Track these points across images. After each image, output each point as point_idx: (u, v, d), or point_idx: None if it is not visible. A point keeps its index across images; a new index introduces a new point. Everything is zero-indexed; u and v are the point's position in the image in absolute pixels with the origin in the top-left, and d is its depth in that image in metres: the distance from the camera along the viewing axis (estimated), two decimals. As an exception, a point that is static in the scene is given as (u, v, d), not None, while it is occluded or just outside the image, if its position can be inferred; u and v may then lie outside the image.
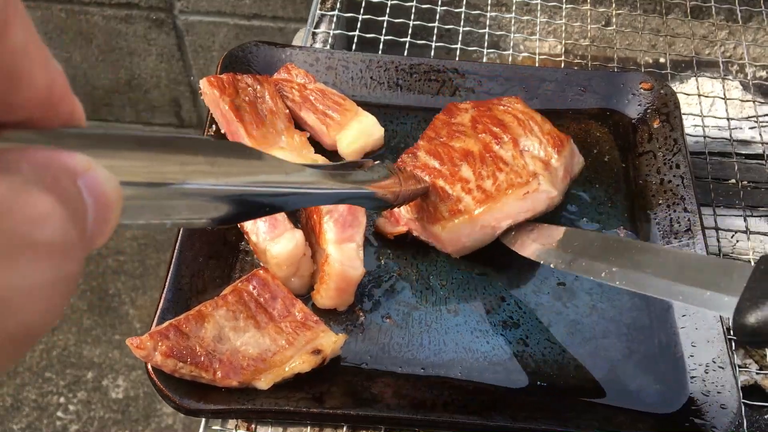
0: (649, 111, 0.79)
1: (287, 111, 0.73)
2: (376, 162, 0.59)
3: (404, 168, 0.64)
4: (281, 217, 0.64)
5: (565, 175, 0.69)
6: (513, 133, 0.68)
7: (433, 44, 0.90)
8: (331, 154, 0.74)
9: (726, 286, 0.48)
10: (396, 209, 0.66)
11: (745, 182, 0.80)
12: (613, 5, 1.00)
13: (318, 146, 0.74)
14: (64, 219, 0.19)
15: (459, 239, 0.65)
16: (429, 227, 0.65)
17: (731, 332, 0.67)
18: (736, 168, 0.80)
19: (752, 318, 0.45)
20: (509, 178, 0.65)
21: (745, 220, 0.76)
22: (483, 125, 0.70)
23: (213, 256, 0.66)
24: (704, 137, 0.83)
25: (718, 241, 0.74)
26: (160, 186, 0.26)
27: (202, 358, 0.55)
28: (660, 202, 0.72)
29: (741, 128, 0.85)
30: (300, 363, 0.57)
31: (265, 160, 0.34)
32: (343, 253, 0.61)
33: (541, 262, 0.62)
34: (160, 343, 0.55)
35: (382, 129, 0.74)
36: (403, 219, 0.68)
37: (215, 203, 0.30)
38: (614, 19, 0.99)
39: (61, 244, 0.19)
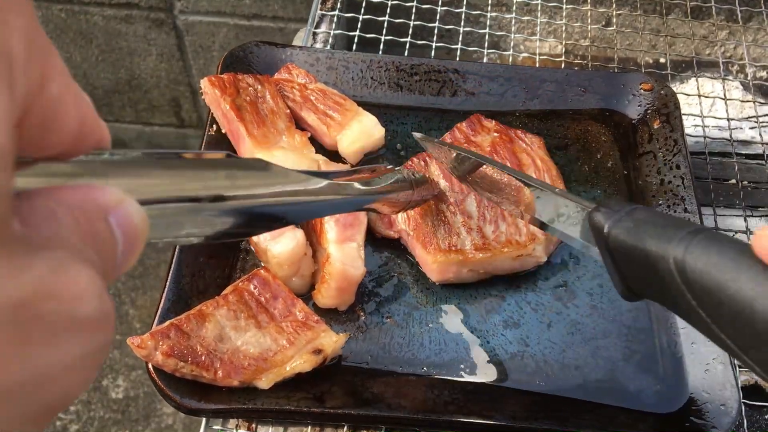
0: (649, 112, 0.79)
1: (288, 111, 0.73)
2: (389, 167, 0.61)
3: (416, 172, 0.65)
4: (282, 216, 0.64)
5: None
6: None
7: (434, 44, 0.90)
8: (332, 153, 0.74)
9: None
10: (393, 215, 0.67)
11: (746, 182, 0.80)
12: (614, 5, 1.00)
13: (319, 146, 0.74)
14: (101, 291, 0.20)
15: (446, 273, 0.66)
16: (421, 252, 0.66)
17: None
18: (737, 168, 0.80)
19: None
20: (509, 232, 0.66)
21: (745, 220, 0.76)
22: (501, 159, 0.70)
23: (214, 256, 0.66)
24: (704, 137, 0.83)
25: (719, 241, 0.74)
26: (183, 203, 0.27)
27: (203, 358, 0.55)
28: (660, 202, 0.72)
29: (741, 128, 0.85)
30: (301, 363, 0.57)
31: (285, 173, 0.36)
32: (344, 252, 0.61)
33: None
34: (161, 343, 0.55)
35: (383, 129, 0.74)
36: (397, 225, 0.67)
37: (235, 217, 0.31)
38: (614, 20, 0.99)
39: (97, 317, 0.20)
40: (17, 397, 0.18)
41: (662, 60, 0.95)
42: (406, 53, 0.88)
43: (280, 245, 0.61)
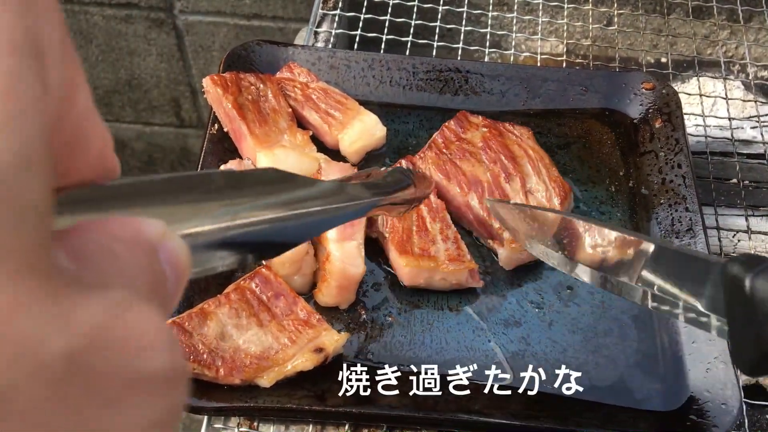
0: (650, 111, 0.79)
1: (290, 110, 0.73)
2: (388, 168, 0.60)
3: (414, 169, 0.64)
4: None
5: None
6: (522, 171, 0.69)
7: (435, 44, 0.90)
8: (333, 152, 0.74)
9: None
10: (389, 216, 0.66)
11: (747, 182, 0.80)
12: (615, 5, 1.00)
13: (320, 145, 0.74)
14: (172, 339, 0.17)
15: (416, 278, 0.64)
16: (394, 255, 0.64)
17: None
18: (738, 168, 0.80)
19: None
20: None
21: (746, 219, 0.76)
22: (495, 153, 0.70)
23: (215, 255, 0.66)
24: (706, 137, 0.83)
25: (720, 240, 0.74)
26: (214, 233, 0.25)
27: (205, 356, 0.55)
28: (662, 201, 0.73)
29: (743, 128, 0.85)
30: (302, 361, 0.57)
31: (308, 182, 0.34)
32: (344, 251, 0.61)
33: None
34: (162, 341, 0.55)
35: (384, 128, 0.74)
36: (377, 226, 0.67)
37: (265, 238, 0.29)
38: (616, 19, 0.99)
39: (169, 372, 0.16)
40: None
41: (663, 59, 0.96)
42: (407, 52, 0.88)
43: (281, 244, 0.61)
